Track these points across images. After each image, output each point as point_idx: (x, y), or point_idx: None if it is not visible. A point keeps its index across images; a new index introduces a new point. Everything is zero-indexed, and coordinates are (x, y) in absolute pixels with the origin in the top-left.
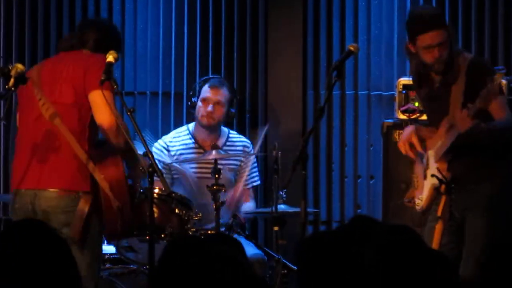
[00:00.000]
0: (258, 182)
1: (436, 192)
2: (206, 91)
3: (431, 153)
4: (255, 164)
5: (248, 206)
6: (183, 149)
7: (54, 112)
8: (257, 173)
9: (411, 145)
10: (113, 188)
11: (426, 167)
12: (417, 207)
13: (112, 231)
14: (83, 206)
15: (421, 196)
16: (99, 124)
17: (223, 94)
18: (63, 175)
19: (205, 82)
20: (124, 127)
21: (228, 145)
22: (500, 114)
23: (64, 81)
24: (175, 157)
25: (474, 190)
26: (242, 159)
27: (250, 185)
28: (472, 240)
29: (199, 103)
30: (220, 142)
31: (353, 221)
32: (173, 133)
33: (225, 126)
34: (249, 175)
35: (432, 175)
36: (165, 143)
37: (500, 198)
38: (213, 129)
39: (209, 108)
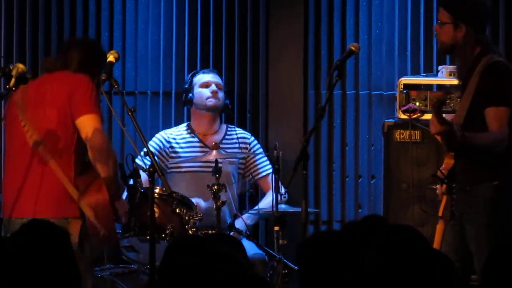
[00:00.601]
0: (270, 170)
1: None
2: (202, 77)
3: None
4: (263, 153)
5: (267, 201)
6: (184, 142)
7: (38, 139)
8: (267, 161)
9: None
10: (98, 215)
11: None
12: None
13: (98, 256)
14: (73, 231)
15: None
16: (91, 147)
17: (217, 77)
18: (50, 203)
19: (194, 74)
20: (114, 156)
21: (227, 139)
22: (491, 126)
23: (48, 104)
24: (175, 149)
25: (470, 192)
26: (245, 151)
27: (264, 173)
28: (476, 249)
29: (199, 89)
30: (219, 137)
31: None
32: (173, 128)
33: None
34: (259, 164)
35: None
36: (166, 134)
37: (497, 202)
38: (215, 115)
39: (213, 87)
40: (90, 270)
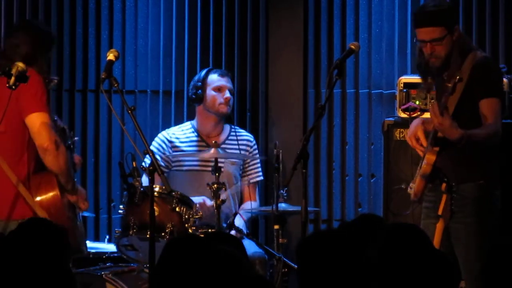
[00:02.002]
0: (262, 178)
1: (425, 183)
2: (218, 79)
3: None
4: (259, 159)
5: (253, 205)
6: (188, 141)
7: None
8: (260, 168)
9: (418, 139)
10: (52, 214)
11: (423, 157)
12: (411, 196)
13: None
14: None
15: (413, 185)
16: (38, 146)
17: (231, 82)
18: (3, 205)
19: (209, 72)
20: (63, 152)
21: (230, 139)
22: (487, 119)
23: (5, 106)
24: (178, 149)
25: (456, 192)
26: (246, 153)
27: (254, 180)
28: (462, 249)
29: (212, 92)
30: (223, 136)
31: (358, 220)
32: (176, 127)
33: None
34: (255, 169)
35: (434, 174)
36: (169, 134)
37: (483, 201)
38: (221, 118)
39: (227, 94)
40: None
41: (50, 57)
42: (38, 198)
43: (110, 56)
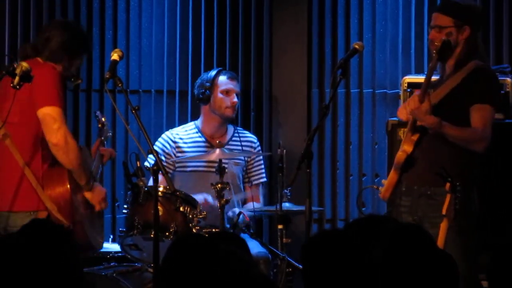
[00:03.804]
0: (265, 179)
1: (398, 175)
2: (227, 82)
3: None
4: (262, 161)
5: (256, 206)
6: (191, 142)
7: (5, 133)
8: (264, 170)
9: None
10: (61, 208)
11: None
12: (380, 194)
13: None
14: None
15: (384, 181)
16: (47, 141)
17: (238, 85)
18: (17, 196)
19: (218, 74)
20: (74, 148)
21: (234, 140)
22: (476, 123)
23: (13, 98)
24: (182, 149)
25: (432, 196)
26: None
27: (257, 181)
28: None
29: (220, 95)
30: (227, 137)
31: (363, 220)
32: (180, 128)
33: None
34: (258, 170)
35: (436, 173)
36: (172, 135)
37: (460, 204)
38: (226, 121)
39: (235, 99)
40: None
41: (80, 62)
42: (48, 191)
43: (114, 56)
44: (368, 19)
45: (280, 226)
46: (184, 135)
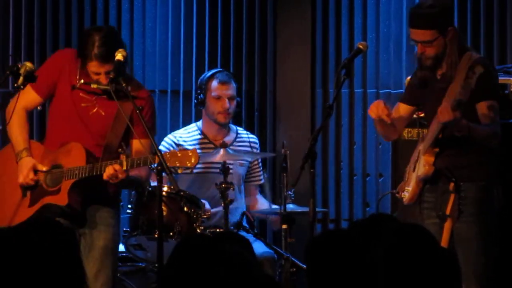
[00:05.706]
0: (262, 181)
1: (422, 185)
2: (217, 88)
3: (422, 146)
4: (261, 163)
5: (263, 204)
6: (194, 144)
7: None
8: (262, 171)
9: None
10: None
11: (416, 159)
12: (404, 199)
13: None
14: None
15: (408, 188)
16: None
17: (233, 87)
18: None
19: (211, 78)
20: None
21: (238, 141)
22: (485, 119)
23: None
24: None
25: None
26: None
27: (257, 182)
28: (465, 249)
29: (212, 100)
30: (230, 139)
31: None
32: (182, 130)
33: (233, 123)
34: (257, 172)
35: (443, 174)
36: (176, 137)
37: (485, 202)
38: (223, 125)
39: (226, 104)
40: None
41: (88, 67)
42: None
43: (118, 56)
44: (372, 19)
45: (284, 226)
46: (187, 137)
